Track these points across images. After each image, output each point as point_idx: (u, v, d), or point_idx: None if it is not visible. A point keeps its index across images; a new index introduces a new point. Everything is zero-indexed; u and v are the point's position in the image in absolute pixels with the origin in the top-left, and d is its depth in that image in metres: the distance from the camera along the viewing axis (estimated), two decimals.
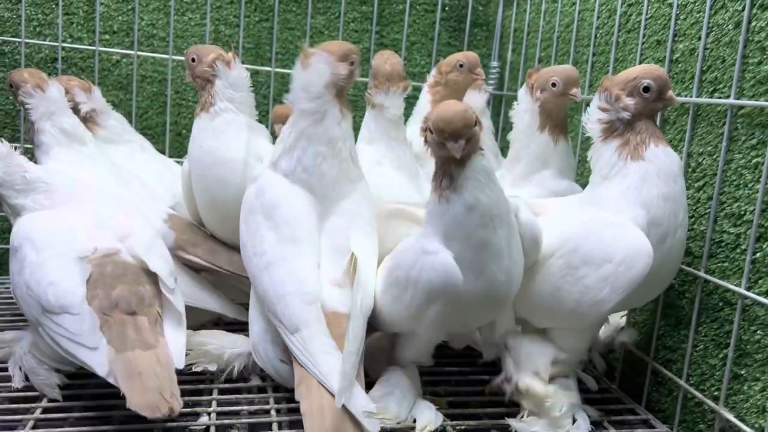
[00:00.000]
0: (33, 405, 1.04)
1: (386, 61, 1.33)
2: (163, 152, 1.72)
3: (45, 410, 1.03)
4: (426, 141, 0.93)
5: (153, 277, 1.10)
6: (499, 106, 1.93)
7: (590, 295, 0.97)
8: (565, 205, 1.09)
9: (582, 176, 1.46)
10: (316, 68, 1.09)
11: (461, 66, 1.45)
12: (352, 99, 1.83)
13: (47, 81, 1.32)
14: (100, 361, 0.95)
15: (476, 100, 1.59)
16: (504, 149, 1.70)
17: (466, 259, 0.92)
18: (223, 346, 1.13)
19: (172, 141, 1.81)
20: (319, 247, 1.09)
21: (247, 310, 1.16)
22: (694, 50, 1.10)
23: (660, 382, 1.16)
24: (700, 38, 1.09)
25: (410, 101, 1.44)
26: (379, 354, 1.14)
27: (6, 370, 1.11)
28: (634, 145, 0.99)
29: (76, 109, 1.44)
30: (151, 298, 1.06)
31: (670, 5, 1.17)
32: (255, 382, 1.14)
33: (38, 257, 1.06)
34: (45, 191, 1.16)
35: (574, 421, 1.02)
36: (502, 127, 1.88)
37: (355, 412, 0.91)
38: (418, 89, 1.87)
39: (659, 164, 0.98)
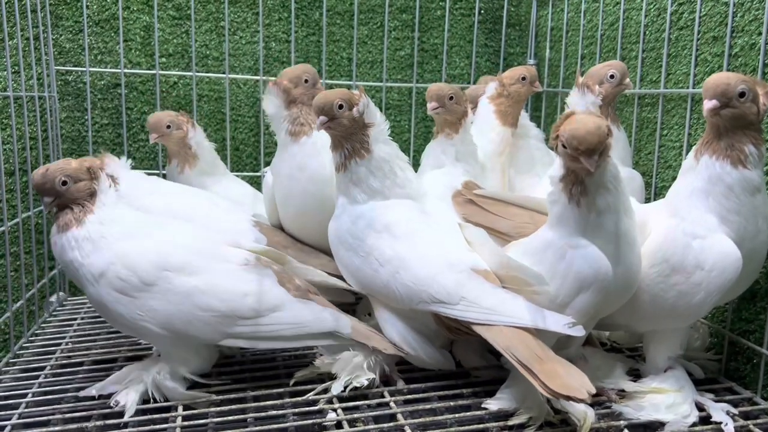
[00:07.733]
0: (171, 414, 1.12)
1: None
2: None
3: (184, 418, 1.11)
4: (556, 150, 1.00)
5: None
6: (538, 101, 2.02)
7: (685, 300, 1.06)
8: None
9: (637, 165, 1.55)
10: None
11: (524, 79, 1.53)
12: None
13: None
14: (344, 324, 1.16)
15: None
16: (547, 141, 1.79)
17: (606, 251, 1.02)
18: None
19: (231, 156, 1.89)
20: (440, 229, 1.20)
21: None
22: (755, 45, 1.20)
23: (738, 352, 1.25)
24: (760, 33, 1.18)
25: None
26: (475, 344, 1.23)
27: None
28: None
29: (184, 143, 1.56)
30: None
31: (726, 4, 1.26)
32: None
33: (200, 279, 1.10)
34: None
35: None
36: (543, 120, 1.98)
37: (558, 328, 1.01)
38: None
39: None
